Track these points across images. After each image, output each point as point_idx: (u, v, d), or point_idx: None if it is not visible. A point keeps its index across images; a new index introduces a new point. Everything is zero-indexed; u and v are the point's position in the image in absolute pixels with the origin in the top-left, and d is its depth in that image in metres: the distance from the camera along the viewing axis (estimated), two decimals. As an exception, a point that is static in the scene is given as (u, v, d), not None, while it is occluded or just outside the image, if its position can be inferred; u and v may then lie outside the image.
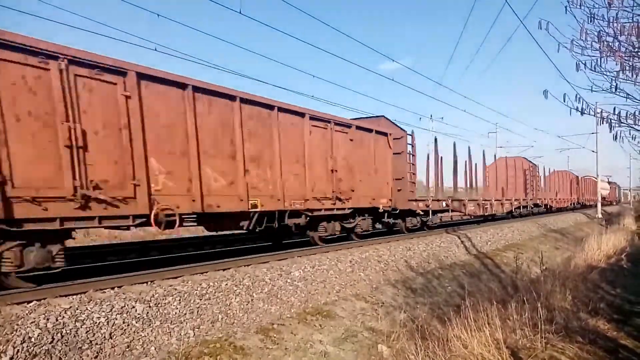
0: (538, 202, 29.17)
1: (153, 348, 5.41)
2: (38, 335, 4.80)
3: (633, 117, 5.17)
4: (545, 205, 31.07)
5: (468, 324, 5.75)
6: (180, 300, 6.28)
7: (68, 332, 5.02)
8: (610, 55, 4.84)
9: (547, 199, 31.40)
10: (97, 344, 5.09)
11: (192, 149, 7.67)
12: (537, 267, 11.15)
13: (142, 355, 5.26)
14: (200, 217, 8.05)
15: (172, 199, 7.36)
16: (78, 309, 5.37)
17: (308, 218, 10.34)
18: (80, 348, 4.95)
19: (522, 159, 28.43)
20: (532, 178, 28.10)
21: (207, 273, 7.61)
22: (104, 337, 5.21)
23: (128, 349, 5.25)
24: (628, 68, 4.83)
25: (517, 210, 25.66)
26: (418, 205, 14.75)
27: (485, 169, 24.07)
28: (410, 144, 14.43)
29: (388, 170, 13.33)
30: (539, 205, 29.75)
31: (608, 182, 59.13)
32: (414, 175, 14.58)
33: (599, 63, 5.03)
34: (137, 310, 5.74)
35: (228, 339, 5.96)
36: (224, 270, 7.87)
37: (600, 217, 34.62)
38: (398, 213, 14.03)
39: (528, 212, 27.78)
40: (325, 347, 6.43)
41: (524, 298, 6.80)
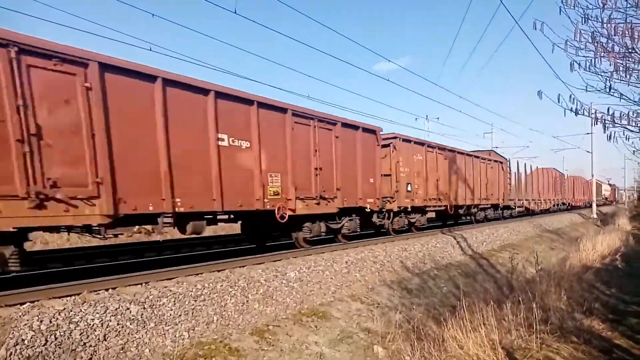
0: (564, 201, 37.62)
1: (147, 350, 5.38)
2: (31, 338, 4.77)
3: (627, 117, 5.20)
4: (569, 204, 39.16)
5: (464, 325, 5.76)
6: (175, 302, 6.26)
7: (62, 334, 4.99)
8: (604, 56, 4.87)
9: (569, 199, 39.62)
10: (91, 346, 5.06)
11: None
12: (532, 267, 11.21)
13: (136, 357, 5.23)
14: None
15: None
16: (72, 311, 5.34)
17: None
18: (74, 350, 4.92)
19: (552, 170, 35.48)
20: (560, 183, 36.41)
21: (202, 274, 7.58)
22: (98, 339, 5.17)
23: (122, 351, 5.21)
24: (622, 68, 4.86)
25: (552, 207, 33.64)
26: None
27: (527, 177, 29.03)
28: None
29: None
30: (565, 204, 38.01)
31: (609, 184, 68.14)
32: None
33: (593, 63, 5.06)
34: (131, 312, 5.71)
35: (223, 341, 5.95)
36: (219, 272, 7.85)
37: (595, 217, 34.83)
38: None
39: (557, 209, 35.63)
40: (321, 348, 6.42)
41: (520, 298, 6.81)
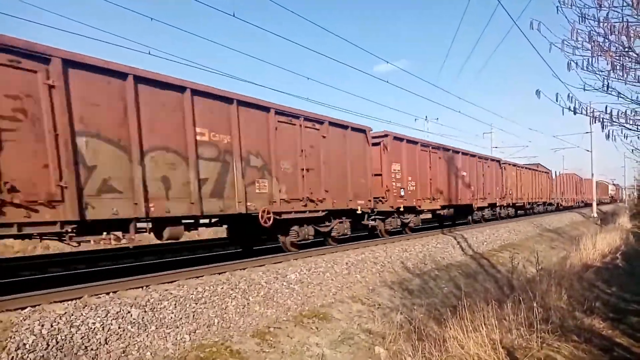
0: (585, 200, 46.70)
1: (149, 353, 5.38)
2: (33, 342, 4.77)
3: (625, 116, 5.21)
4: (585, 202, 46.98)
5: (464, 325, 5.77)
6: (176, 305, 6.26)
7: (63, 338, 4.99)
8: (601, 55, 4.89)
9: (586, 199, 47.36)
10: (92, 350, 5.06)
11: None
12: (533, 266, 11.22)
13: (137, 361, 5.24)
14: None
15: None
16: (73, 315, 5.34)
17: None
18: (76, 354, 4.92)
19: (573, 174, 44.19)
20: (580, 186, 45.23)
21: (202, 277, 7.58)
22: (100, 342, 5.18)
23: (124, 355, 5.22)
24: (619, 67, 4.88)
25: (573, 204, 42.71)
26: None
27: (555, 180, 36.22)
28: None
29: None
30: (584, 202, 46.84)
31: (613, 184, 77.81)
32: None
33: (591, 62, 5.08)
34: (132, 315, 5.72)
35: (224, 343, 5.95)
36: (220, 274, 7.85)
37: (596, 216, 34.82)
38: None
39: (578, 205, 44.44)
40: (322, 349, 6.43)
41: (520, 298, 6.82)
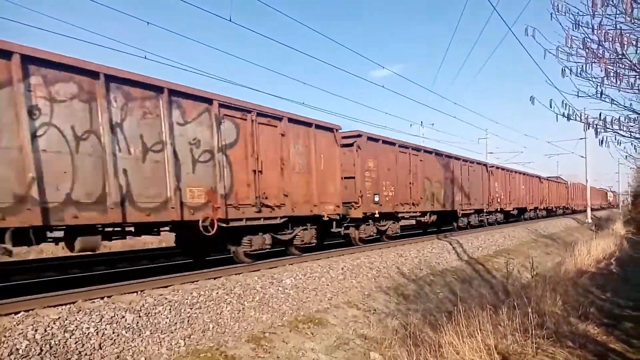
0: (601, 205, 57.64)
1: (143, 358, 5.35)
2: (26, 347, 4.74)
3: (618, 122, 5.26)
4: (601, 206, 57.70)
5: (460, 330, 5.77)
6: (171, 310, 6.23)
7: (57, 343, 4.96)
8: (595, 62, 4.94)
9: (598, 204, 55.48)
10: (86, 355, 5.02)
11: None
12: (527, 272, 11.22)
13: (132, 366, 5.21)
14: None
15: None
16: (67, 320, 5.31)
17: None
18: (70, 359, 4.89)
19: (579, 183, 47.31)
20: (585, 193, 51.04)
21: (197, 282, 7.56)
22: (94, 347, 5.14)
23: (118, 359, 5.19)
24: (612, 74, 4.93)
25: (582, 209, 47.17)
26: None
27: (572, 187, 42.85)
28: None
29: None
30: (599, 206, 57.23)
31: (611, 191, 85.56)
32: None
33: (585, 69, 5.13)
34: (127, 320, 5.69)
35: (219, 348, 5.93)
36: (215, 279, 7.83)
37: (590, 221, 34.97)
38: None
39: (584, 209, 50.81)
40: (317, 355, 6.41)
41: (515, 303, 6.84)
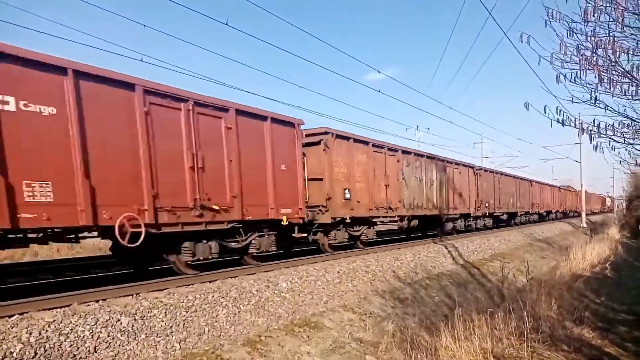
0: (592, 209, 61.29)
1: (138, 362, 5.34)
2: (20, 350, 4.71)
3: (612, 128, 5.31)
4: (601, 210, 65.32)
5: (456, 334, 5.80)
6: (166, 313, 6.22)
7: (52, 346, 4.94)
8: (589, 68, 4.98)
9: (593, 208, 61.11)
10: (81, 358, 5.01)
11: None
12: (523, 276, 11.29)
13: (127, 369, 5.19)
14: None
15: None
16: (62, 323, 5.28)
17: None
18: (64, 362, 4.87)
19: (585, 190, 48.22)
20: (588, 198, 53.98)
21: (193, 285, 7.54)
22: (89, 350, 5.13)
23: (113, 363, 5.17)
24: (606, 80, 4.97)
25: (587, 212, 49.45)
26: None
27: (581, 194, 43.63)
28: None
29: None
30: (591, 210, 59.16)
31: (608, 196, 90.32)
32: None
33: (579, 75, 5.18)
34: (122, 323, 5.67)
35: (215, 352, 5.92)
36: (211, 282, 7.80)
37: (585, 226, 35.12)
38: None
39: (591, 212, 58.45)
40: (313, 358, 6.41)
41: (511, 307, 6.86)
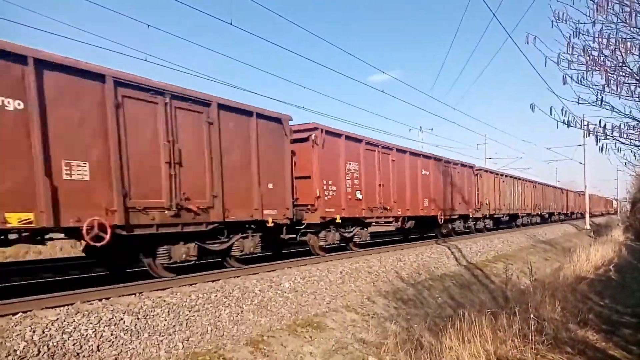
0: (608, 211, 72.81)
1: (141, 361, 5.34)
2: (24, 348, 4.72)
3: (618, 129, 5.27)
4: (608, 212, 71.99)
5: (459, 335, 5.77)
6: (169, 312, 6.22)
7: (55, 344, 4.94)
8: (596, 69, 4.95)
9: (605, 211, 70.07)
10: (84, 357, 5.01)
11: None
12: (526, 278, 11.25)
13: (130, 368, 5.19)
14: None
15: None
16: (65, 321, 5.29)
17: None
18: (67, 361, 4.87)
19: (595, 194, 57.40)
20: (598, 200, 66.55)
21: (196, 285, 7.53)
22: (92, 349, 5.13)
23: (116, 362, 5.17)
24: (613, 82, 4.94)
25: (602, 213, 64.35)
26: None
27: (580, 196, 47.11)
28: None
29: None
30: (600, 212, 67.46)
31: (614, 199, 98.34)
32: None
33: (585, 76, 5.15)
34: (125, 322, 5.67)
35: (217, 351, 5.91)
36: (214, 282, 7.80)
37: (589, 228, 34.98)
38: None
39: (602, 214, 68.11)
40: (316, 359, 6.40)
41: (514, 309, 6.83)
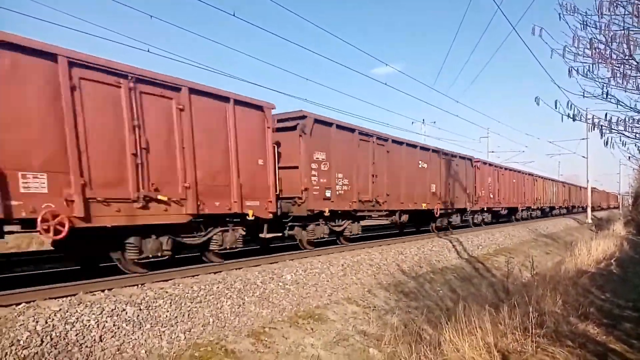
0: (613, 205, 76.01)
1: (143, 351, 5.37)
2: (27, 338, 4.75)
3: (624, 123, 5.24)
4: (613, 206, 75.14)
5: (460, 328, 5.79)
6: (171, 303, 6.24)
7: (58, 334, 4.97)
8: (602, 62, 4.91)
9: (610, 205, 74.19)
10: (87, 347, 5.04)
11: None
12: (528, 271, 11.26)
13: (132, 359, 5.22)
14: None
15: None
16: (68, 312, 5.32)
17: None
18: (70, 351, 4.90)
19: (596, 189, 57.55)
20: (605, 195, 70.52)
21: (198, 276, 7.56)
22: (94, 339, 5.16)
23: (118, 352, 5.20)
24: (619, 75, 4.90)
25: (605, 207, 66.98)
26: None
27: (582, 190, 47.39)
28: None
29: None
30: (603, 206, 68.51)
31: (618, 193, 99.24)
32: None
33: (591, 69, 5.10)
34: (127, 313, 5.70)
35: (219, 342, 5.94)
36: (215, 274, 7.83)
37: (590, 222, 34.94)
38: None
39: (605, 208, 69.08)
40: (317, 351, 6.42)
41: (515, 302, 6.84)
